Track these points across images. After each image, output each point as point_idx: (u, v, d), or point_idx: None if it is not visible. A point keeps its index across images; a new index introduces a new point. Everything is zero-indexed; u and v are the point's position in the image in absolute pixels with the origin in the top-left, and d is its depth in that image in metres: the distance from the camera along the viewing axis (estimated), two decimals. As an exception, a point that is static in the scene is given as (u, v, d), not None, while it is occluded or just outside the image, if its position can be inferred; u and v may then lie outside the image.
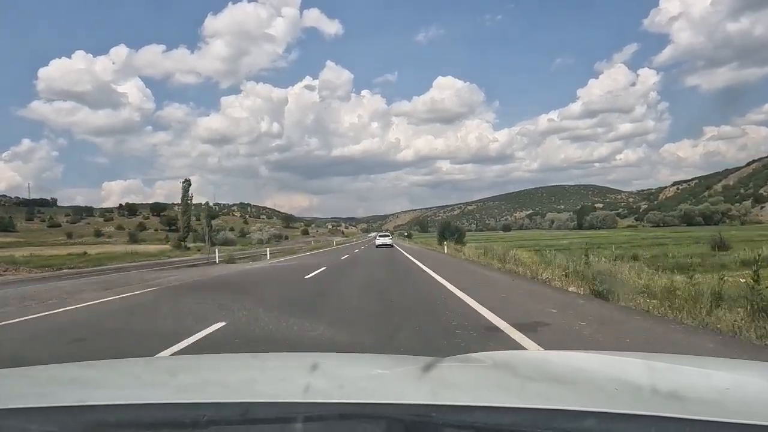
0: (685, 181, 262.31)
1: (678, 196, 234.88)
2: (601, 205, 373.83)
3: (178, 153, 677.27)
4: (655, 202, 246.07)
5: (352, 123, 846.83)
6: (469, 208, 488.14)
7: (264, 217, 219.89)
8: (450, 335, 4.92)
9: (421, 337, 4.96)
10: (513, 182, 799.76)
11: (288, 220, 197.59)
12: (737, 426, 0.71)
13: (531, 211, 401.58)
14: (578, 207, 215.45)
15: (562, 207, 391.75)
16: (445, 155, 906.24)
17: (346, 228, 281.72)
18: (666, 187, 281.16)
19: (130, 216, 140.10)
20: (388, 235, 48.30)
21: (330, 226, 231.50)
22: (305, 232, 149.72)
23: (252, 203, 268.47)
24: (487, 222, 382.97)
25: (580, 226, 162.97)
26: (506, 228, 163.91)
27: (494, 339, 4.71)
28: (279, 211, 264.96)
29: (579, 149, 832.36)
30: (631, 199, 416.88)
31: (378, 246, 39.32)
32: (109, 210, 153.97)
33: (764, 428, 0.71)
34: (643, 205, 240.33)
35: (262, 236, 75.92)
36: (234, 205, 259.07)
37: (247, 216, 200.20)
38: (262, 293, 9.83)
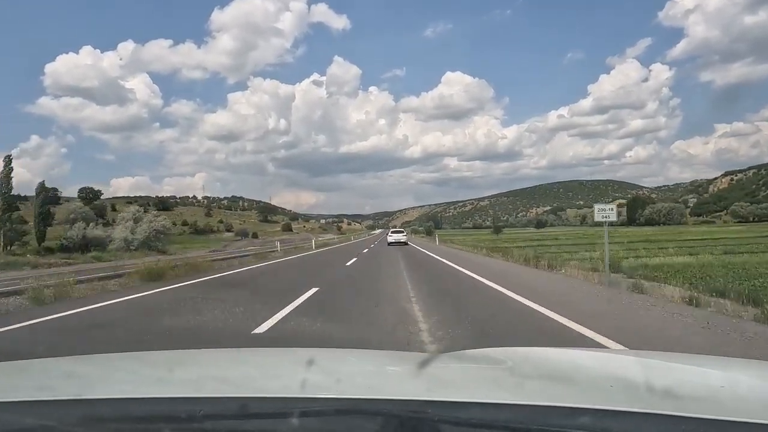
0: (740, 171, 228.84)
1: (736, 187, 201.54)
2: (621, 202, 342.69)
3: (185, 150, 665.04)
4: (706, 195, 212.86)
5: (360, 119, 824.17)
6: (482, 204, 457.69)
7: (253, 211, 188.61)
8: None
9: None
10: (521, 179, 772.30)
11: (266, 212, 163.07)
12: (732, 424, 0.71)
13: (549, 207, 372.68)
14: (629, 198, 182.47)
15: (581, 203, 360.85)
16: (453, 152, 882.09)
17: (349, 224, 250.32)
18: (716, 178, 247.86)
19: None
20: (402, 232, 39.90)
21: (323, 221, 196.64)
22: (287, 228, 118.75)
23: (245, 197, 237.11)
24: (502, 218, 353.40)
25: (631, 222, 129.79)
26: (539, 224, 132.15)
27: None
28: (275, 206, 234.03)
29: (588, 146, 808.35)
30: (654, 195, 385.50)
31: (390, 243, 32.83)
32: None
33: (759, 426, 0.71)
34: (691, 198, 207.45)
35: (129, 234, 33.98)
36: (224, 198, 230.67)
37: (213, 208, 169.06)
38: None
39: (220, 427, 0.79)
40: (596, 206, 9.37)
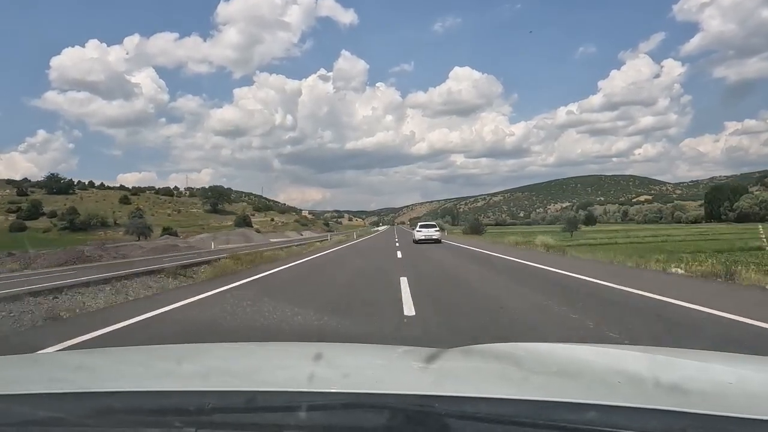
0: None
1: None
2: (647, 198, 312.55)
3: (192, 145, 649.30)
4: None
5: (366, 115, 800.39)
6: (495, 199, 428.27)
7: (199, 198, 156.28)
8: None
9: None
10: (528, 177, 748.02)
11: (217, 198, 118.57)
12: (740, 420, 0.70)
13: (567, 203, 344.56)
14: (711, 187, 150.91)
15: (602, 198, 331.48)
16: (460, 149, 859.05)
17: (350, 220, 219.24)
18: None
19: None
20: (434, 226, 28.13)
21: (305, 212, 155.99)
22: (244, 223, 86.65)
23: (232, 188, 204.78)
24: (518, 214, 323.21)
25: (711, 217, 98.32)
26: (589, 221, 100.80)
27: None
28: (268, 199, 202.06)
29: (597, 143, 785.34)
30: (679, 191, 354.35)
31: (418, 241, 25.03)
32: None
33: None
34: (755, 191, 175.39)
35: None
36: (209, 188, 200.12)
37: (139, 195, 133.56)
38: None
39: (228, 420, 0.79)
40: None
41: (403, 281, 7.94)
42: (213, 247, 18.92)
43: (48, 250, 27.18)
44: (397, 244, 22.28)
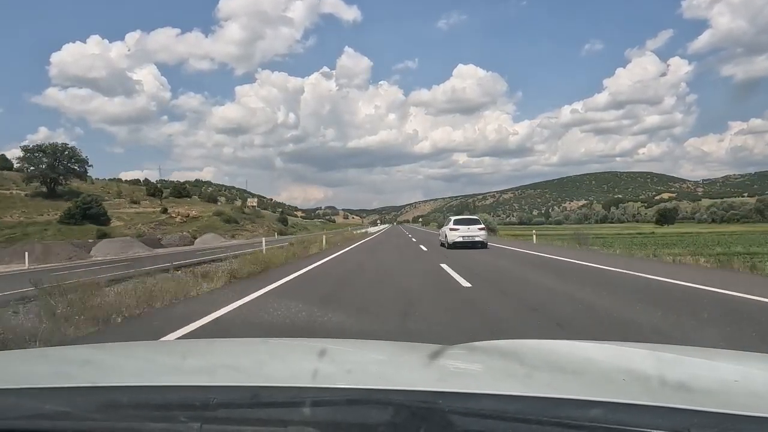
0: None
1: None
2: (670, 195, 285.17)
3: (194, 143, 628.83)
4: None
5: (369, 114, 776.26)
6: (505, 197, 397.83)
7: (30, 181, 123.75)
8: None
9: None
10: (530, 176, 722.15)
11: (51, 171, 60.47)
12: (746, 418, 0.70)
13: (584, 201, 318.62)
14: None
15: (620, 196, 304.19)
16: (463, 147, 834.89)
17: (345, 218, 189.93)
18: None
19: None
20: (477, 222, 17.92)
21: (253, 203, 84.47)
22: (84, 217, 47.10)
23: (213, 182, 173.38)
24: (531, 212, 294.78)
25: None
26: (664, 218, 70.81)
27: None
28: (252, 193, 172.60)
29: (601, 142, 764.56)
30: (700, 189, 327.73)
31: (453, 245, 16.61)
32: None
33: None
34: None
35: None
36: (185, 183, 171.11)
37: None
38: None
39: (233, 415, 0.79)
40: None
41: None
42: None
43: None
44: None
